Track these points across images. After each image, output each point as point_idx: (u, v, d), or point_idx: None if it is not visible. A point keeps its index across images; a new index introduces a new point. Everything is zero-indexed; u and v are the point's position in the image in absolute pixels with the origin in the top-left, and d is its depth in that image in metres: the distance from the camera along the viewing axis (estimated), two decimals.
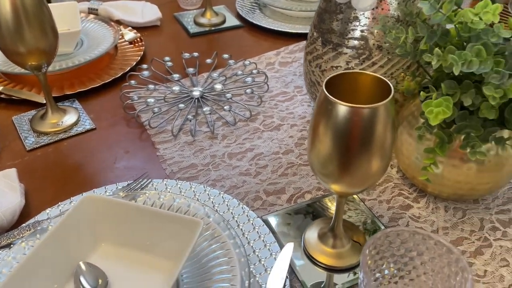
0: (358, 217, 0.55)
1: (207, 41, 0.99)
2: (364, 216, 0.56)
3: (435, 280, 0.41)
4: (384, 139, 0.40)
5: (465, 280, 0.36)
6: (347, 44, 0.59)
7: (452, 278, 0.38)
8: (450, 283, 0.39)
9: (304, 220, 0.55)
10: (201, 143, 0.68)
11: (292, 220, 0.55)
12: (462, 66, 0.41)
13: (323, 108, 0.40)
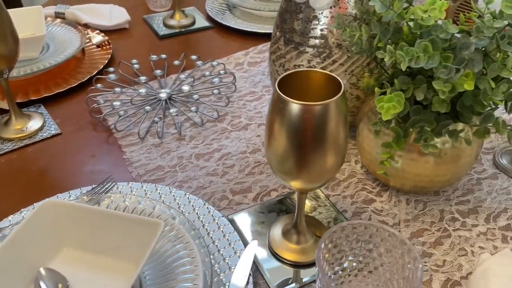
0: (322, 213, 0.56)
1: (177, 42, 0.99)
2: (328, 211, 0.56)
3: (392, 271, 0.42)
4: (337, 134, 0.41)
5: (415, 269, 0.37)
6: (308, 43, 0.60)
7: (406, 268, 0.39)
8: (404, 273, 0.40)
9: (270, 217, 0.56)
10: (168, 145, 0.68)
11: (258, 218, 0.56)
12: (410, 62, 0.42)
13: (277, 106, 0.40)
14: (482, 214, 0.56)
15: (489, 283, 0.43)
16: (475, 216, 0.55)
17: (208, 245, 0.51)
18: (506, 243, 0.52)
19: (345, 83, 0.61)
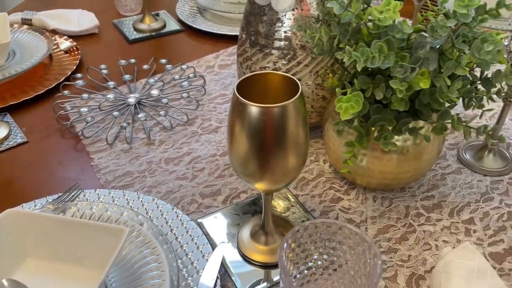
0: (292, 213, 0.57)
1: (147, 46, 0.98)
2: (297, 211, 0.57)
3: (355, 268, 0.42)
4: (297, 135, 0.42)
5: (375, 264, 0.38)
6: (273, 45, 0.61)
7: (367, 265, 0.40)
8: (366, 269, 0.40)
9: (239, 220, 0.56)
10: (137, 150, 0.67)
11: (227, 220, 0.56)
12: (365, 62, 0.43)
13: (236, 110, 0.41)
14: (446, 208, 0.57)
15: (450, 276, 0.44)
16: (440, 210, 0.57)
17: (176, 249, 0.50)
18: (469, 236, 0.53)
19: (311, 84, 0.62)
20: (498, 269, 0.49)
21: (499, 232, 0.54)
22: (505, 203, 0.57)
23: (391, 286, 0.48)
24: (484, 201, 0.58)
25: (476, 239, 0.53)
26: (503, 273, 0.49)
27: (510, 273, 0.49)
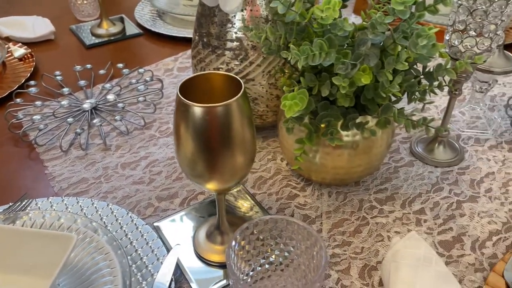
0: (248, 211, 0.57)
1: (106, 51, 0.97)
2: (254, 209, 0.57)
3: (305, 262, 0.43)
4: (243, 134, 0.42)
5: (320, 257, 0.39)
6: (225, 46, 0.61)
7: (314, 258, 0.41)
8: (314, 263, 0.41)
9: (196, 221, 0.56)
10: (93, 156, 0.66)
11: (184, 223, 0.56)
12: (306, 60, 0.43)
13: (180, 111, 0.41)
14: (399, 200, 0.59)
15: (398, 265, 0.46)
16: (392, 202, 0.58)
17: (131, 254, 0.50)
18: (419, 226, 0.55)
19: (264, 84, 0.63)
20: (447, 256, 0.51)
21: (448, 220, 0.56)
22: (454, 192, 0.60)
23: (344, 278, 0.49)
24: (434, 192, 0.60)
25: (426, 228, 0.55)
26: (452, 260, 0.51)
27: (459, 260, 0.51)
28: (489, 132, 0.69)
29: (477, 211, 0.57)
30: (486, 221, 0.55)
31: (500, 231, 0.54)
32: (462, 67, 0.49)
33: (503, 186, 0.60)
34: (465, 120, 0.72)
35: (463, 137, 0.69)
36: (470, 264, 0.50)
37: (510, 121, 0.71)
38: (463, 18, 0.52)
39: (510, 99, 0.76)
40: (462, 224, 0.55)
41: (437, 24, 0.95)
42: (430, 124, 0.47)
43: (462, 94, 0.79)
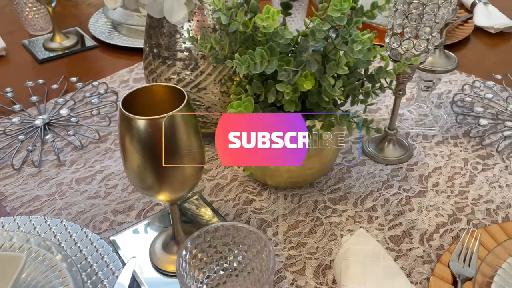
0: (211, 219, 0.58)
1: (60, 65, 0.96)
2: (211, 217, 0.58)
3: (257, 266, 0.44)
4: (190, 143, 0.43)
5: (269, 260, 0.40)
6: (175, 56, 0.62)
7: (264, 261, 0.42)
8: (264, 266, 0.42)
9: (153, 233, 0.56)
10: (47, 172, 0.65)
11: (140, 235, 0.56)
12: (248, 69, 0.45)
13: (124, 125, 0.41)
14: (351, 199, 0.60)
15: (348, 262, 0.47)
16: (345, 201, 0.60)
17: (86, 270, 0.50)
18: (371, 223, 0.57)
19: (217, 92, 0.63)
20: (397, 250, 0.53)
21: (398, 216, 0.58)
22: (403, 188, 0.62)
23: (299, 279, 0.50)
24: (385, 189, 0.62)
25: (377, 225, 0.57)
26: (401, 254, 0.53)
27: (408, 253, 0.53)
28: (436, 129, 0.73)
29: (425, 205, 0.59)
30: (433, 214, 0.58)
31: (446, 223, 0.57)
32: (401, 69, 0.52)
33: (449, 179, 0.63)
34: (413, 118, 0.75)
35: (412, 134, 0.72)
36: (419, 256, 0.52)
37: (455, 116, 0.75)
38: (400, 22, 0.55)
39: (455, 95, 0.79)
40: (411, 219, 0.57)
41: (382, 25, 0.98)
42: (371, 125, 0.49)
43: (411, 93, 0.82)
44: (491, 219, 0.57)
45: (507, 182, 0.63)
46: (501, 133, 0.70)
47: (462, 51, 0.98)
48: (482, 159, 0.67)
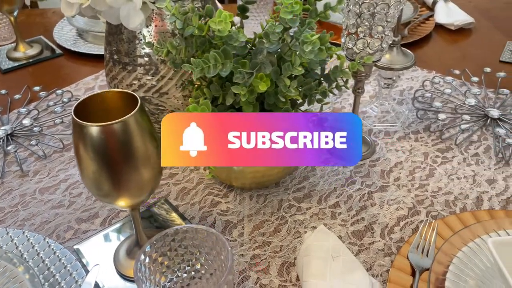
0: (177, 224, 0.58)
1: (25, 74, 0.94)
2: (176, 221, 0.58)
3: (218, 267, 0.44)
4: (145, 148, 0.43)
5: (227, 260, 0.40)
6: (135, 62, 0.62)
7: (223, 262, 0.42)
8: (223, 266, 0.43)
9: (117, 240, 0.56)
10: (10, 184, 0.64)
11: (105, 242, 0.56)
12: (202, 72, 0.45)
13: (77, 133, 0.41)
14: (315, 196, 0.61)
15: (310, 258, 0.48)
16: (309, 199, 0.61)
17: (49, 280, 0.49)
18: (334, 219, 0.58)
19: (179, 96, 0.64)
20: (359, 244, 0.54)
21: (360, 211, 0.59)
22: (365, 184, 0.63)
23: (263, 277, 0.51)
24: (348, 185, 0.63)
25: (340, 220, 0.58)
26: (363, 248, 0.54)
27: (369, 247, 0.54)
28: (398, 125, 0.74)
29: (387, 199, 0.61)
30: (394, 208, 0.59)
31: (406, 216, 0.58)
32: (355, 68, 0.53)
33: (410, 174, 0.65)
34: (376, 115, 0.76)
35: (374, 131, 0.74)
36: (380, 250, 0.54)
37: (416, 112, 0.77)
38: (353, 22, 0.56)
39: (416, 91, 0.81)
40: (373, 213, 0.59)
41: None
42: None
43: (374, 91, 0.84)
44: (450, 210, 0.59)
45: (465, 173, 0.65)
46: (459, 126, 0.72)
47: (424, 48, 1.00)
48: (442, 152, 0.69)
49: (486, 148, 0.69)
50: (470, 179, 0.64)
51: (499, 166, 0.66)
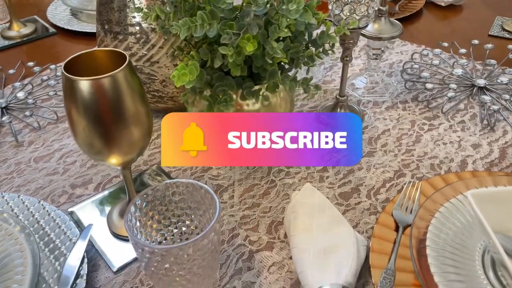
0: None
1: (19, 52, 0.95)
2: None
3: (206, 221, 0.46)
4: (134, 106, 0.44)
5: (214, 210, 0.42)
6: (126, 31, 0.63)
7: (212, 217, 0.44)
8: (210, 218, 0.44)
9: (111, 203, 0.57)
10: (4, 153, 0.66)
11: (99, 206, 0.57)
12: (188, 31, 0.46)
13: (68, 89, 0.42)
14: None
15: (297, 215, 0.50)
16: None
17: (44, 239, 0.51)
18: (322, 182, 0.59)
19: (169, 65, 0.65)
20: (346, 205, 0.56)
21: (348, 175, 0.61)
22: None
23: (252, 235, 0.52)
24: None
25: (328, 183, 0.59)
26: (350, 208, 0.56)
27: (355, 207, 0.56)
28: (386, 95, 0.76)
29: (373, 163, 0.62)
30: (380, 171, 0.61)
31: (392, 178, 0.60)
32: (341, 31, 0.54)
33: (397, 140, 0.66)
34: (365, 87, 0.78)
35: (363, 101, 0.75)
36: (366, 209, 0.55)
37: (404, 83, 0.78)
38: None
39: (405, 63, 0.83)
40: (360, 176, 0.60)
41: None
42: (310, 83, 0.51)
43: (364, 65, 0.85)
44: (434, 172, 0.61)
45: (450, 139, 0.66)
46: (446, 95, 0.74)
47: (415, 24, 1.01)
48: (428, 120, 0.70)
49: (472, 116, 0.71)
50: (455, 144, 0.65)
51: (484, 132, 0.67)
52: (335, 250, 0.46)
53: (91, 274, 0.49)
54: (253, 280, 0.47)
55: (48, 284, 0.46)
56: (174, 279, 0.41)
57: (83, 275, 0.46)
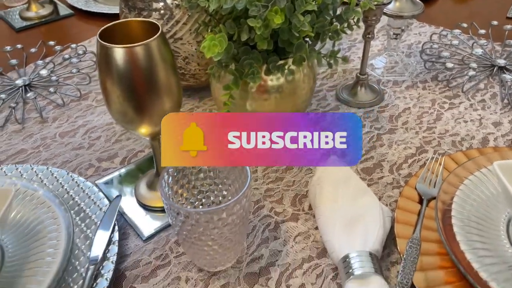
0: None
1: (38, 33, 0.96)
2: None
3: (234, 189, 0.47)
4: (166, 76, 0.45)
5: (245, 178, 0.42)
6: (150, 7, 0.63)
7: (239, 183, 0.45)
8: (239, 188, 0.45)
9: (137, 176, 0.58)
10: (30, 129, 0.67)
11: (125, 178, 0.58)
12: (218, 3, 0.47)
13: (103, 59, 0.43)
14: None
15: (322, 185, 0.50)
16: None
17: (74, 208, 0.52)
18: None
19: (193, 42, 0.65)
20: (368, 179, 0.57)
21: (370, 151, 0.61)
22: (374, 127, 0.65)
23: (277, 207, 0.53)
24: None
25: None
26: (373, 182, 0.56)
27: (378, 181, 0.56)
28: (406, 75, 0.76)
29: (395, 140, 0.63)
30: (402, 148, 0.61)
31: (414, 154, 0.60)
32: (366, 6, 0.54)
33: (417, 118, 0.67)
34: (385, 66, 0.78)
35: (383, 81, 0.75)
36: (389, 183, 0.56)
37: (424, 63, 0.78)
38: None
39: (424, 44, 0.83)
40: (382, 153, 0.61)
41: None
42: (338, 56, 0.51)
43: (382, 45, 0.85)
44: (456, 149, 0.61)
45: (471, 117, 0.67)
46: (466, 74, 0.74)
47: (432, 6, 1.01)
48: (449, 99, 0.70)
49: (493, 95, 0.71)
50: (476, 122, 0.66)
51: (505, 110, 0.68)
52: (361, 219, 0.47)
53: (121, 242, 0.50)
54: (279, 249, 0.48)
55: (81, 250, 0.48)
56: (206, 243, 0.42)
57: (115, 242, 0.47)
